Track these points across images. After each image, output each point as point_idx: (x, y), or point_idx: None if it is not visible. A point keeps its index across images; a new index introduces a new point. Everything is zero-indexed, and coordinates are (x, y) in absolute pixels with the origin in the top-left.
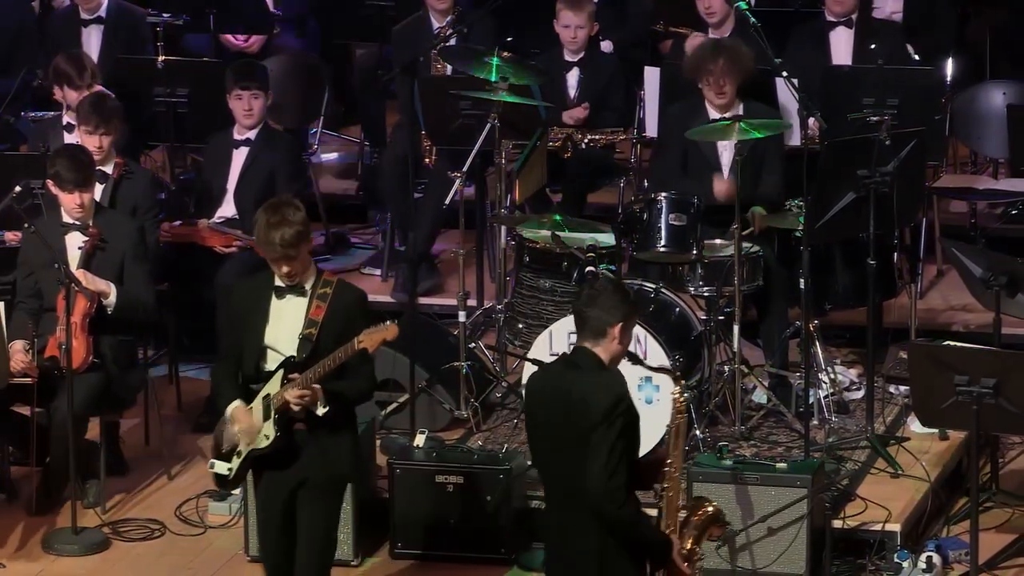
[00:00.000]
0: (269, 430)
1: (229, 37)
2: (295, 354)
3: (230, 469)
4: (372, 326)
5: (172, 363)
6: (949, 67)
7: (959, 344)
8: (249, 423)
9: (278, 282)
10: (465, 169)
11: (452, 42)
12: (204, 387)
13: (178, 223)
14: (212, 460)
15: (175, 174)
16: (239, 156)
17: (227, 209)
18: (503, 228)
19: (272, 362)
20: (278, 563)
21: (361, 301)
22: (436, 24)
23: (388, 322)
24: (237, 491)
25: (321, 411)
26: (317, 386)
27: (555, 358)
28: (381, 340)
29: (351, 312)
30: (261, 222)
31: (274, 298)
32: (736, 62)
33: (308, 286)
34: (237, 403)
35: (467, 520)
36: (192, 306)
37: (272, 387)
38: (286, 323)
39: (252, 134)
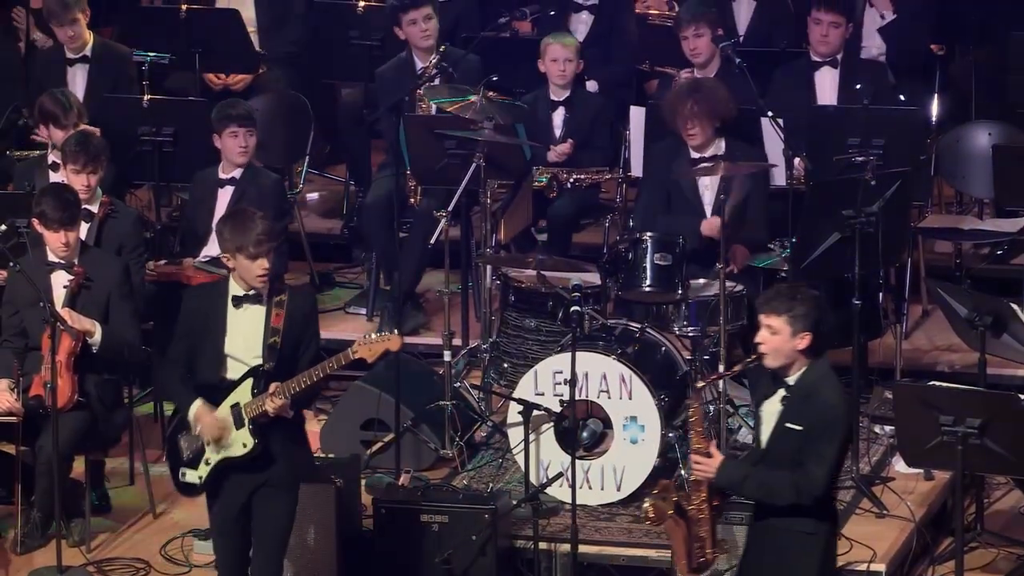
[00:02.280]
0: (246, 438)
1: (213, 76)
2: (262, 363)
3: (200, 478)
4: (367, 336)
5: (157, 402)
6: (934, 107)
7: (944, 384)
8: (214, 422)
9: (235, 291)
10: (450, 208)
11: (437, 81)
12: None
13: (163, 262)
14: (183, 469)
15: (160, 213)
16: (224, 195)
17: (212, 248)
18: (488, 267)
19: (232, 371)
20: (232, 564)
21: (314, 304)
22: (420, 64)
23: (391, 332)
24: None
25: (290, 414)
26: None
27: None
28: (383, 351)
29: (308, 316)
30: (229, 229)
31: (231, 308)
32: (705, 103)
33: (265, 295)
34: (199, 403)
35: (452, 560)
36: None
37: (240, 396)
38: (246, 332)
39: (237, 173)
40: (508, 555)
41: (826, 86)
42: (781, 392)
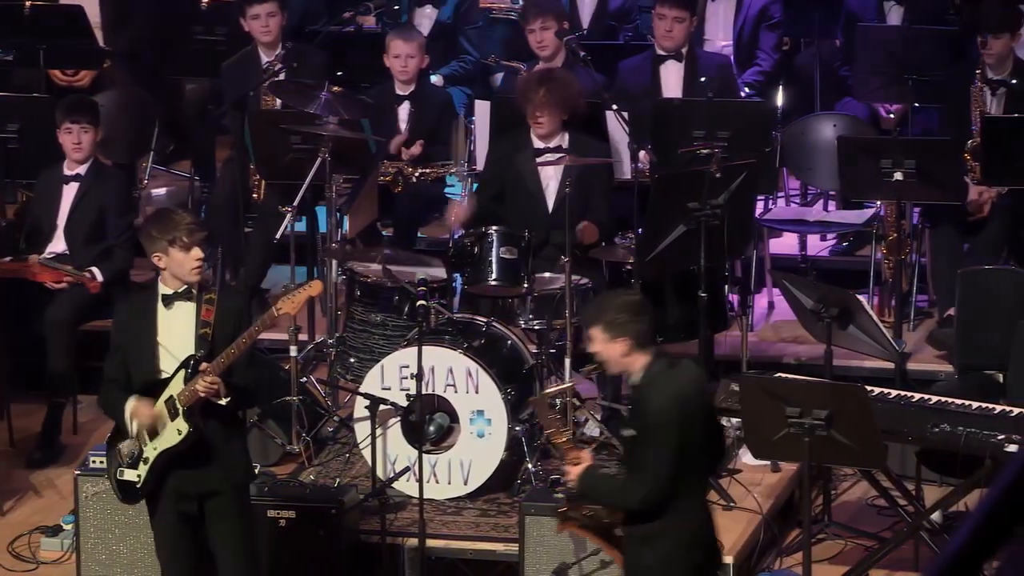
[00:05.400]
0: (180, 425)
1: (57, 72)
2: (194, 353)
3: (139, 476)
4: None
5: (3, 399)
6: (779, 98)
7: (790, 376)
8: (149, 411)
9: (164, 290)
10: (296, 203)
11: (282, 76)
12: (35, 423)
13: (8, 259)
14: (121, 468)
15: (5, 210)
16: (69, 191)
17: (58, 244)
18: (334, 262)
19: (168, 368)
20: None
21: (247, 303)
22: (265, 58)
23: (310, 281)
24: (69, 526)
25: (224, 401)
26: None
27: (665, 360)
28: (304, 300)
29: (238, 316)
30: (156, 226)
31: (161, 308)
32: (556, 93)
33: (195, 291)
34: (133, 399)
35: (300, 555)
36: (22, 342)
37: (174, 388)
38: (178, 329)
39: (82, 169)
40: (355, 549)
41: (671, 80)
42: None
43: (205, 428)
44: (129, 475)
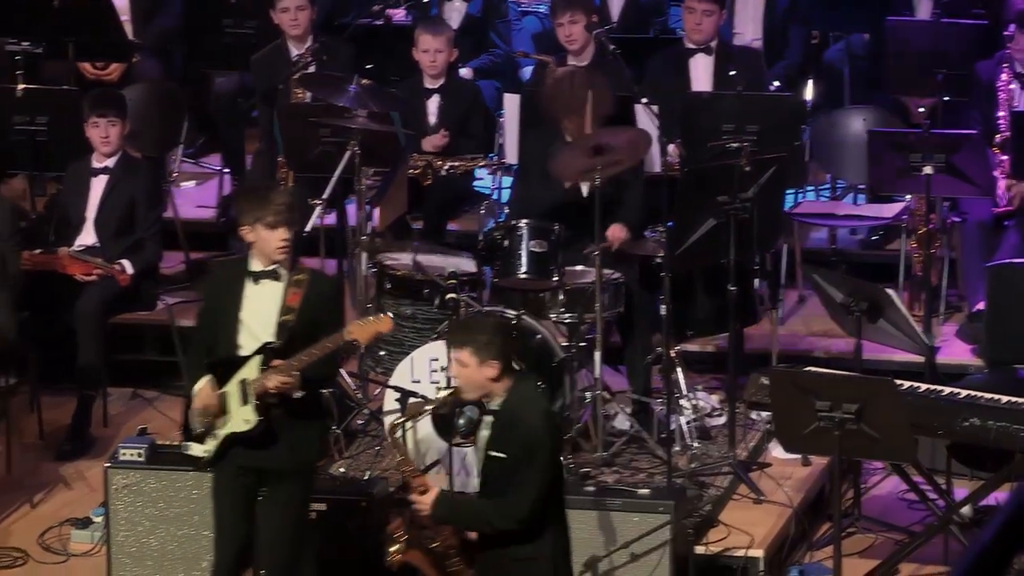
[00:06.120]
0: (249, 415)
1: (87, 66)
2: (273, 340)
3: (207, 451)
4: (360, 318)
5: (33, 391)
6: (808, 92)
7: (820, 370)
8: (206, 405)
9: (254, 267)
10: (326, 196)
11: (311, 69)
12: (65, 415)
13: (38, 252)
14: (186, 443)
15: (35, 203)
16: (98, 184)
17: (87, 237)
18: (364, 255)
19: (245, 346)
20: (236, 551)
21: (337, 291)
22: (295, 52)
23: (381, 314)
24: (99, 519)
25: (297, 395)
26: (296, 374)
27: (527, 382)
28: (374, 333)
29: (327, 301)
30: (246, 200)
31: (249, 283)
32: (595, 104)
33: (283, 273)
34: (203, 380)
35: (330, 548)
36: (52, 334)
37: (249, 372)
38: (261, 308)
39: (111, 162)
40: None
41: (700, 73)
42: (488, 419)
43: (278, 412)
44: (195, 450)
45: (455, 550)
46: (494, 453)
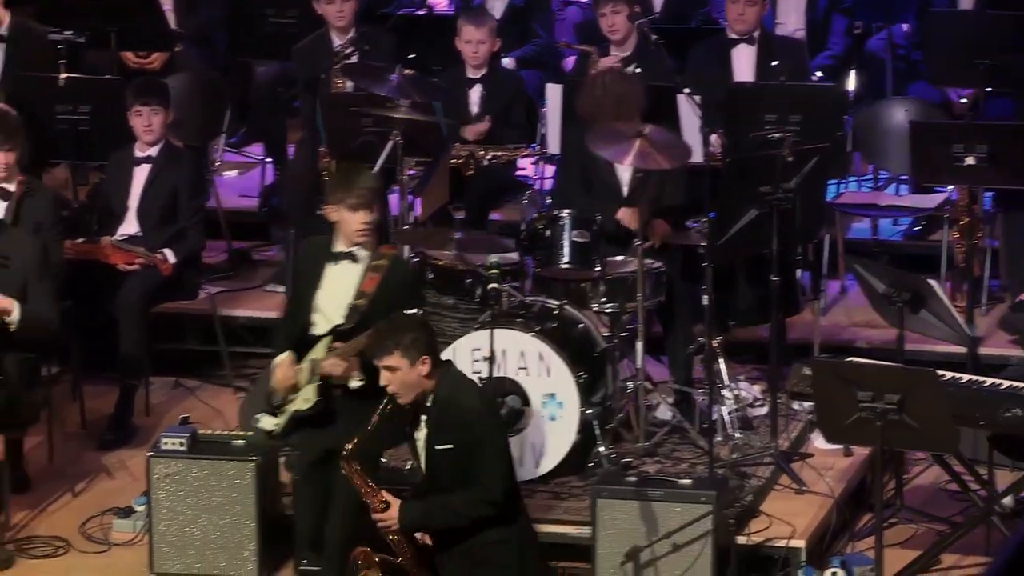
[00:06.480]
0: (310, 394)
1: (130, 54)
2: (343, 322)
3: (276, 425)
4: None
5: (75, 380)
6: (851, 83)
7: (862, 360)
8: (281, 378)
9: (337, 247)
10: None
11: (354, 59)
12: (107, 404)
13: (81, 240)
14: (258, 415)
15: (77, 192)
16: (141, 173)
17: (129, 226)
18: (406, 245)
19: (320, 326)
20: (313, 525)
21: (416, 278)
22: (337, 41)
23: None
24: (141, 508)
25: (355, 384)
26: (352, 359)
27: (450, 368)
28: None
29: (404, 288)
30: (338, 181)
31: (330, 263)
32: (628, 109)
33: (363, 256)
34: (284, 354)
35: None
36: (95, 323)
37: (319, 352)
38: (337, 289)
39: (154, 151)
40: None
41: (743, 63)
42: (423, 417)
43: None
44: (265, 423)
45: (414, 561)
46: (440, 447)
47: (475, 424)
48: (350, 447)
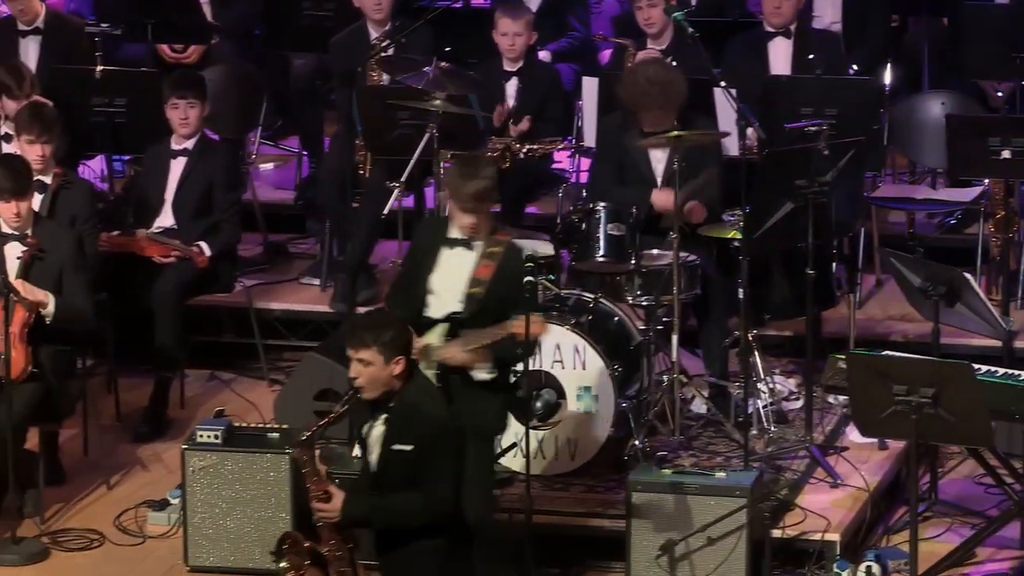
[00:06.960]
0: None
1: (166, 47)
2: (460, 310)
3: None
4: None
5: (111, 373)
6: (887, 76)
7: (898, 354)
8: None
9: (452, 233)
10: (404, 179)
11: (390, 52)
12: (143, 397)
13: (116, 233)
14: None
15: (113, 184)
16: (177, 166)
17: (165, 219)
18: None
19: (433, 308)
20: None
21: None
22: (374, 34)
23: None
24: (176, 500)
25: (483, 376)
26: (470, 353)
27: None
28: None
29: (518, 277)
30: (454, 172)
31: (445, 247)
32: (669, 101)
33: (478, 244)
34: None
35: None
36: (130, 316)
37: (434, 337)
38: (450, 275)
39: (190, 144)
40: None
41: (779, 56)
42: (383, 415)
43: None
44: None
45: (345, 558)
46: (397, 447)
47: (436, 433)
48: (307, 434)
